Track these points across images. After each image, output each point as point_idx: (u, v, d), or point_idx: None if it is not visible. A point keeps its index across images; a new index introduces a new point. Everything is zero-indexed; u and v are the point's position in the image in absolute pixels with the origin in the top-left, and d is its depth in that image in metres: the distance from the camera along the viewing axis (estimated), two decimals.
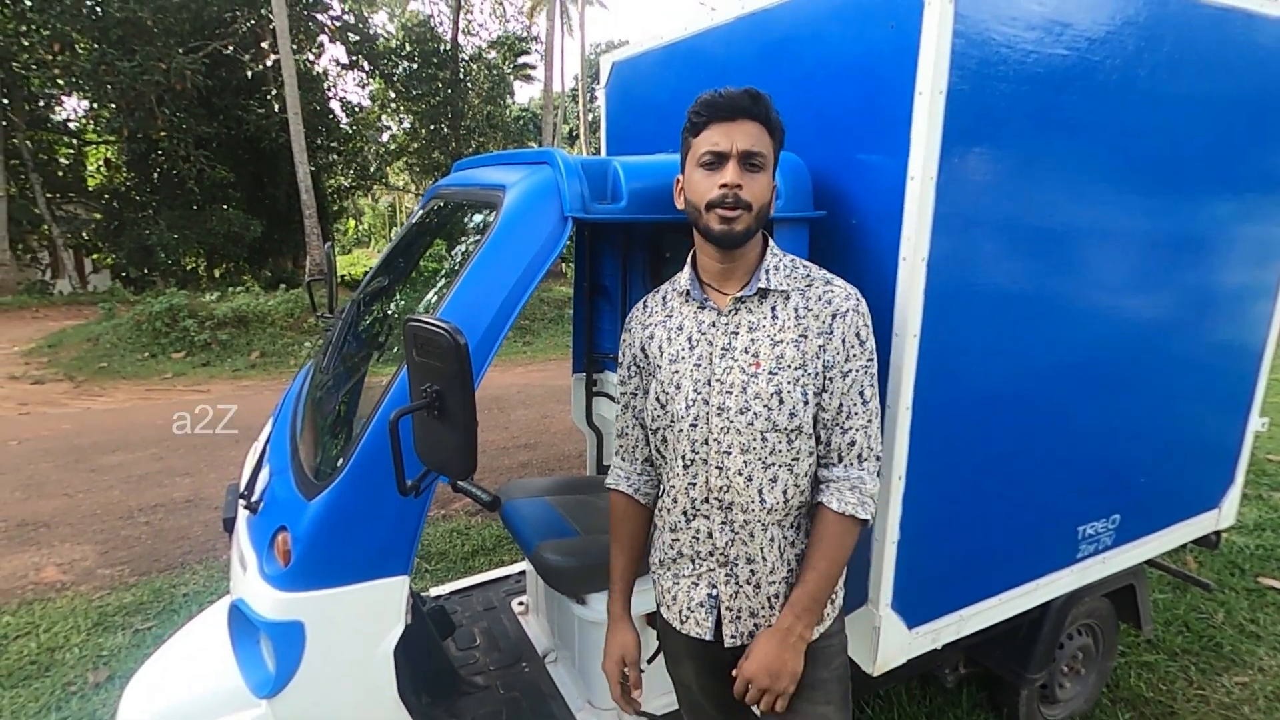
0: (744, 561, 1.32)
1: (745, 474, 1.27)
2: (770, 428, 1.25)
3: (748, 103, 1.22)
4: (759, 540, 1.31)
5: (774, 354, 1.26)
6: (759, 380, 1.25)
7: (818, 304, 1.27)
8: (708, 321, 1.31)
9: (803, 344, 1.26)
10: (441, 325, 1.05)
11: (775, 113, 1.26)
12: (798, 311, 1.27)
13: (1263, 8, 1.92)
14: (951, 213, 1.50)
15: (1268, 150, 2.10)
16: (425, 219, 2.13)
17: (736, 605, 1.34)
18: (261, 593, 1.41)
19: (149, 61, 12.17)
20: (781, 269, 1.30)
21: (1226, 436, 2.40)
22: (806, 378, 1.25)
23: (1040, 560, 2.01)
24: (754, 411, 1.25)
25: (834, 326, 1.26)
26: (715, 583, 1.34)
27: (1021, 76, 1.52)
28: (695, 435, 1.30)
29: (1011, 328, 1.72)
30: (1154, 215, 1.89)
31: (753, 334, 1.27)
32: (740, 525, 1.31)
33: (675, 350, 1.33)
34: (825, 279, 1.31)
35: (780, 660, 1.25)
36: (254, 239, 15.18)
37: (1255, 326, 2.30)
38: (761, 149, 1.23)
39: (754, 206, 1.22)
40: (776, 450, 1.26)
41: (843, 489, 1.27)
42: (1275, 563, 3.54)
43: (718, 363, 1.28)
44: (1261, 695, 2.59)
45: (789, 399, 1.24)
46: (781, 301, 1.28)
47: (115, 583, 3.42)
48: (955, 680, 2.37)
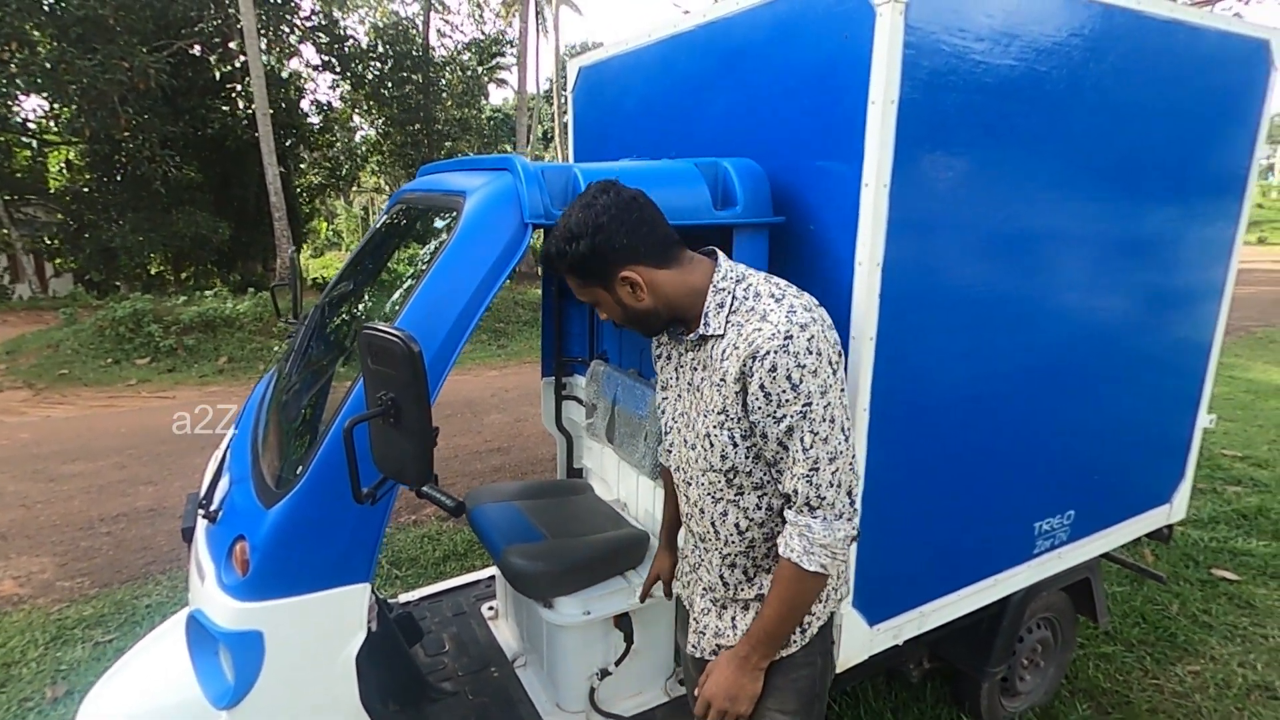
0: (706, 586, 1.38)
1: (700, 505, 1.33)
2: (708, 467, 1.28)
3: (555, 264, 1.24)
4: (719, 568, 1.35)
5: (707, 396, 1.26)
6: (698, 421, 1.29)
7: (742, 344, 1.17)
8: (682, 354, 1.35)
9: (722, 388, 1.21)
10: (395, 334, 1.05)
11: (572, 256, 1.20)
12: (724, 353, 1.21)
13: (1205, 20, 2.00)
14: (905, 218, 1.53)
15: (1213, 157, 2.18)
16: (389, 224, 2.12)
17: (704, 623, 1.38)
18: (220, 603, 1.39)
19: (111, 60, 11.87)
20: (726, 305, 1.22)
21: (1177, 433, 2.47)
22: (730, 421, 1.21)
23: (998, 556, 2.06)
24: (698, 450, 1.29)
25: (752, 370, 1.15)
26: (694, 595, 1.40)
27: (971, 86, 1.56)
28: (673, 461, 1.38)
29: (966, 330, 1.76)
30: (1103, 219, 1.95)
31: (703, 373, 1.29)
32: (705, 551, 1.37)
33: (666, 378, 1.40)
34: (762, 313, 1.18)
35: (738, 685, 1.28)
36: (222, 242, 14.87)
37: (1202, 326, 2.38)
38: (586, 297, 1.28)
39: (629, 320, 1.28)
40: (718, 486, 1.29)
41: (790, 535, 1.21)
42: (1228, 555, 3.66)
43: (686, 397, 1.34)
44: (1212, 683, 2.67)
45: (716, 442, 1.25)
46: (717, 343, 1.24)
47: (75, 595, 3.34)
48: (920, 675, 2.42)
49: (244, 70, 13.59)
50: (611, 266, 1.21)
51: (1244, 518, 4.09)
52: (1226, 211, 2.29)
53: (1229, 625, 3.05)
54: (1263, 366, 8.25)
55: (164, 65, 12.55)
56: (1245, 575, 3.46)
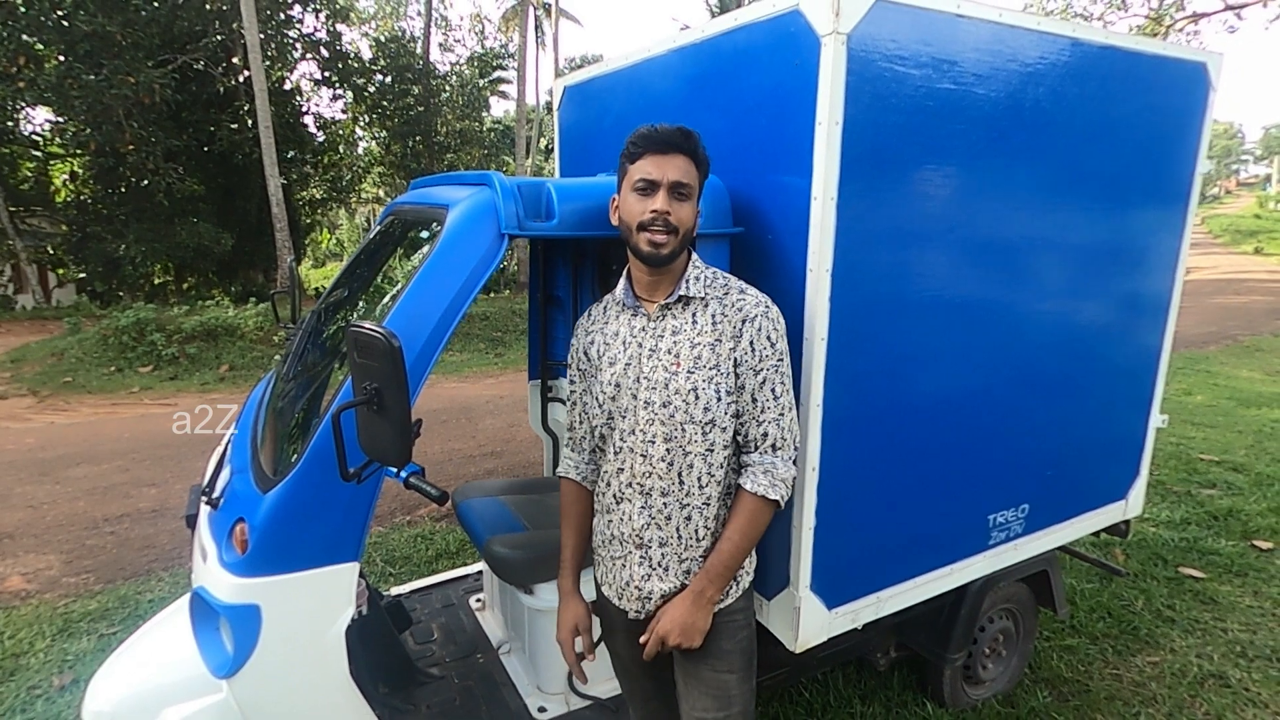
0: (657, 545, 1.48)
1: (667, 460, 1.45)
2: (688, 420, 1.42)
3: (680, 139, 1.40)
4: (675, 522, 1.46)
5: (692, 355, 1.43)
6: (679, 378, 1.42)
7: (731, 310, 1.44)
8: (639, 326, 1.49)
9: (717, 346, 1.43)
10: (378, 330, 1.19)
11: (703, 149, 1.45)
12: (714, 317, 1.44)
13: (1142, 45, 2.15)
14: (851, 228, 1.67)
15: (1156, 172, 2.32)
16: (382, 234, 2.26)
17: (647, 588, 1.50)
18: (221, 579, 1.52)
19: (117, 75, 12.11)
20: (702, 279, 1.47)
21: (1130, 433, 2.60)
22: (720, 376, 1.42)
23: (953, 546, 2.18)
24: (674, 405, 1.42)
25: (744, 330, 1.42)
26: (630, 564, 1.50)
27: (911, 108, 1.70)
28: (624, 426, 1.48)
29: (915, 331, 1.89)
30: (1048, 230, 2.09)
31: (675, 337, 1.45)
32: (658, 509, 1.47)
33: (613, 354, 1.51)
34: (740, 288, 1.48)
35: (691, 618, 1.43)
36: (224, 252, 15.09)
37: (1152, 331, 2.51)
38: (689, 180, 1.41)
39: (680, 231, 1.40)
40: (693, 439, 1.43)
41: (756, 472, 1.43)
42: (1196, 554, 3.78)
43: (645, 362, 1.46)
44: (1169, 673, 2.79)
45: (703, 395, 1.41)
46: (701, 308, 1.46)
47: (80, 590, 3.47)
48: (887, 664, 2.54)
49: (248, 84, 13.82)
50: (703, 185, 1.48)
51: (1215, 519, 4.21)
52: (1171, 223, 2.43)
53: (1191, 620, 3.16)
54: (1247, 375, 8.38)
55: (169, 80, 12.80)
56: (1211, 573, 3.57)
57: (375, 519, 4.25)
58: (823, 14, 1.54)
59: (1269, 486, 4.72)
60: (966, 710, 2.56)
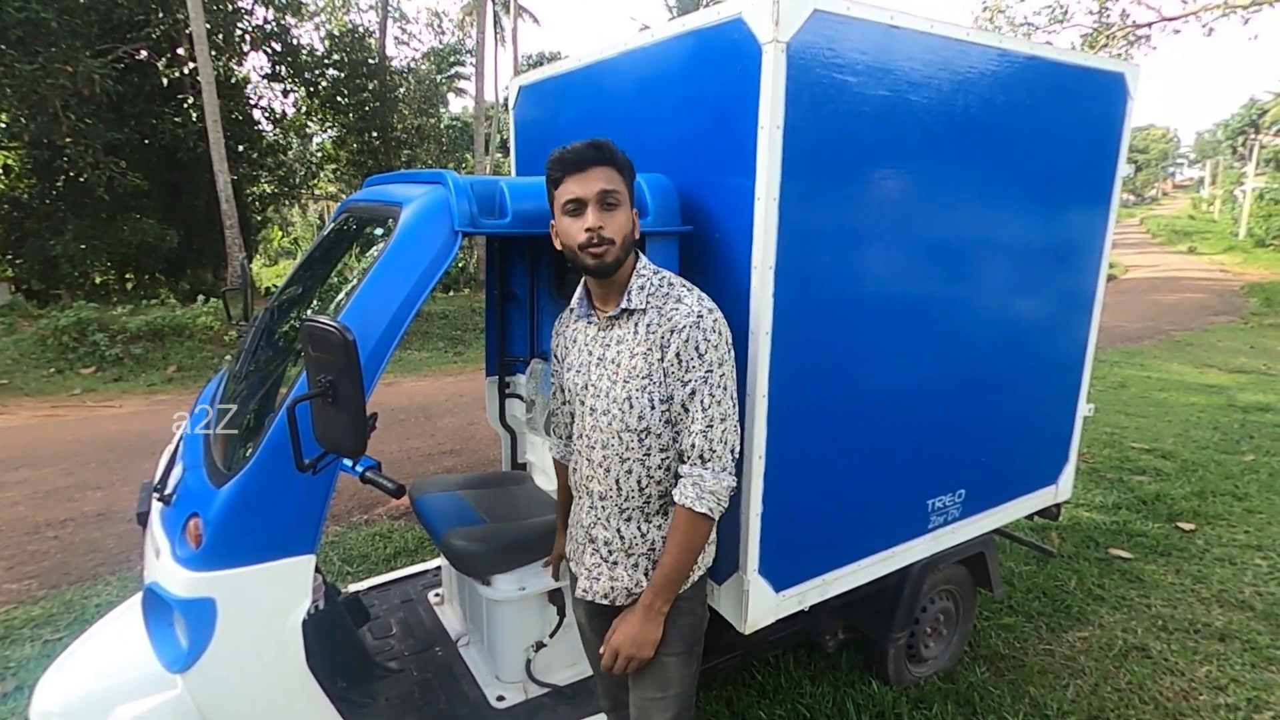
0: (602, 543, 1.56)
1: (605, 466, 1.51)
2: (624, 428, 1.48)
3: (593, 153, 1.43)
4: (615, 523, 1.54)
5: (630, 365, 1.48)
6: (616, 387, 1.48)
7: (664, 320, 1.45)
8: (591, 335, 1.56)
9: (649, 356, 1.46)
10: (333, 325, 1.22)
11: (620, 153, 1.46)
12: (649, 327, 1.46)
13: (1065, 56, 2.28)
14: (793, 227, 1.75)
15: (1080, 174, 2.47)
16: (336, 231, 2.27)
17: (595, 576, 1.58)
18: (174, 574, 1.53)
19: (53, 64, 11.60)
20: (646, 288, 1.48)
21: (1059, 421, 2.75)
22: (653, 385, 1.45)
23: (894, 530, 2.29)
24: (612, 414, 1.49)
25: (671, 341, 1.43)
26: (587, 553, 1.58)
27: (848, 112, 1.79)
28: (576, 428, 1.56)
29: (856, 325, 1.99)
30: (980, 228, 2.21)
31: (619, 347, 1.51)
32: (600, 510, 1.56)
33: (571, 359, 1.59)
34: (677, 297, 1.47)
35: (643, 633, 1.48)
36: (171, 250, 14.59)
37: (1078, 325, 2.66)
38: (614, 186, 1.43)
39: (617, 239, 1.44)
40: (630, 447, 1.49)
41: (685, 485, 1.44)
42: (1126, 536, 4.00)
43: (594, 370, 1.53)
44: (1097, 646, 2.97)
45: (636, 404, 1.47)
46: (640, 318, 1.48)
47: (23, 596, 3.37)
48: (835, 645, 2.66)
49: (193, 76, 13.41)
50: (632, 188, 1.48)
51: (1144, 503, 4.46)
52: (1095, 222, 2.58)
53: (1119, 597, 3.36)
54: (1177, 367, 8.84)
55: (109, 70, 12.31)
56: (1138, 554, 3.79)
57: (332, 518, 4.22)
58: (763, 23, 1.61)
59: (1193, 472, 5.01)
60: (910, 687, 2.69)
